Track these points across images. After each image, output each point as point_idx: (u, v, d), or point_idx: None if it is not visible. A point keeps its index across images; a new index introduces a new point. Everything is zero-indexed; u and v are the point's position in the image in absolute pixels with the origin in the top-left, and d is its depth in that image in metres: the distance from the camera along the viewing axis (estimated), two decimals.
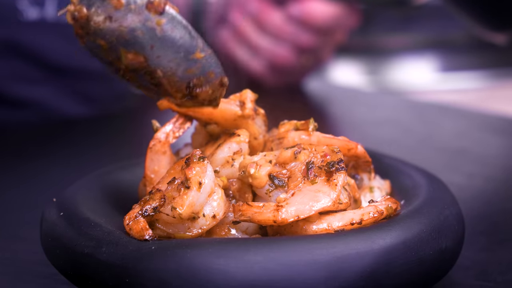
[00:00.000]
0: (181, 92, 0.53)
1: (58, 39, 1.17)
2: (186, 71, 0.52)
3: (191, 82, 0.53)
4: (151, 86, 0.53)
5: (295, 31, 1.27)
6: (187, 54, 0.52)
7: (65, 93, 1.21)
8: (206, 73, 0.53)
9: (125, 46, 0.51)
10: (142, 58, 0.51)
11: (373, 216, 0.51)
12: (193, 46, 0.52)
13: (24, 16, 1.13)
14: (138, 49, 0.51)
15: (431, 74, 1.96)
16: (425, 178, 0.59)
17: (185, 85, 0.53)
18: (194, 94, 0.53)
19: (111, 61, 0.52)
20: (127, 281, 0.47)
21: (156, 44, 0.51)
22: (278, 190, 0.52)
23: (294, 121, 0.58)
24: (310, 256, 0.47)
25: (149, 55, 0.51)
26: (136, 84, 0.53)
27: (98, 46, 0.51)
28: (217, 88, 0.54)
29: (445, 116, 1.17)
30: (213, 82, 0.53)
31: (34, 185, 0.85)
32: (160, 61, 0.51)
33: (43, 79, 1.18)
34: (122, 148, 1.00)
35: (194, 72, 0.52)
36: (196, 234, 0.51)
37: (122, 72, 0.52)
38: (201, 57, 0.52)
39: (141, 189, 0.58)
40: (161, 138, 0.58)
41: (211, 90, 0.53)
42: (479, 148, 0.98)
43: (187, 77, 0.52)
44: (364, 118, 1.20)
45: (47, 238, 0.53)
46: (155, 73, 0.52)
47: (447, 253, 0.52)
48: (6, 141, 1.07)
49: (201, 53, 0.52)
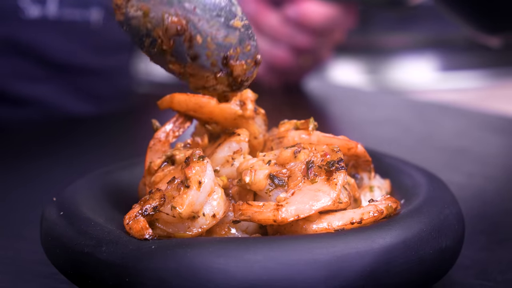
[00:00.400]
0: (216, 65, 0.51)
1: (60, 37, 1.17)
2: (225, 39, 0.51)
3: (227, 52, 0.51)
4: (184, 60, 0.51)
5: (292, 33, 1.27)
6: (227, 20, 0.51)
7: (67, 91, 1.21)
8: (243, 45, 0.52)
9: (168, 8, 0.50)
10: (184, 21, 0.50)
11: (373, 215, 0.51)
12: (233, 12, 0.51)
13: (25, 14, 1.13)
14: (180, 10, 0.50)
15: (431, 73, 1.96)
16: (425, 178, 0.59)
17: (222, 56, 0.51)
18: (229, 67, 0.52)
19: (148, 31, 0.51)
20: (127, 280, 0.47)
21: (199, 6, 0.50)
22: (278, 190, 0.52)
23: (294, 121, 0.58)
24: (310, 255, 0.47)
25: (191, 18, 0.50)
26: (168, 60, 0.52)
27: (139, 13, 0.50)
28: (251, 65, 0.53)
29: (445, 116, 1.17)
30: (249, 56, 0.52)
31: (37, 184, 0.85)
32: (201, 25, 0.50)
33: (45, 77, 1.18)
34: (124, 148, 1.00)
35: (231, 41, 0.51)
36: (196, 233, 0.51)
37: (160, 41, 0.51)
38: (240, 25, 0.51)
39: (141, 189, 0.58)
40: (161, 137, 0.58)
41: (245, 65, 0.52)
42: (479, 148, 0.98)
43: (224, 46, 0.51)
44: (364, 117, 1.20)
45: (47, 238, 0.53)
46: (195, 39, 0.50)
47: (447, 253, 0.52)
48: (10, 140, 1.07)
49: (240, 21, 0.51)
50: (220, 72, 0.52)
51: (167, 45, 0.51)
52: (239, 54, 0.52)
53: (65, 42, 1.17)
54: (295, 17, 1.26)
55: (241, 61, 0.52)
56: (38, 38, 1.15)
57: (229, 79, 0.53)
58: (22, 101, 1.18)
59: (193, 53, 0.51)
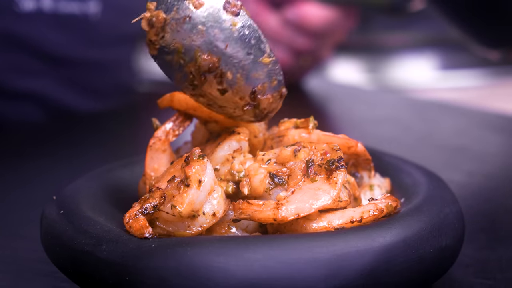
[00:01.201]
0: (245, 99, 0.53)
1: (56, 30, 1.16)
2: (253, 75, 0.53)
3: (255, 87, 0.53)
4: (214, 96, 0.53)
5: (291, 35, 1.27)
6: (256, 58, 0.53)
7: (65, 84, 1.20)
8: (271, 80, 0.54)
9: (201, 46, 0.52)
10: (216, 58, 0.52)
11: (373, 214, 0.51)
12: (261, 50, 0.53)
13: (20, 7, 1.13)
14: (213, 48, 0.52)
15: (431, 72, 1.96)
16: (425, 176, 0.59)
17: (249, 91, 0.53)
18: (257, 100, 0.54)
19: (181, 67, 0.52)
20: (127, 279, 0.47)
21: (231, 44, 0.52)
22: (278, 188, 0.52)
23: (294, 119, 0.58)
24: (310, 254, 0.47)
25: (223, 56, 0.52)
26: (199, 93, 0.54)
27: (173, 50, 0.52)
28: (277, 98, 0.54)
29: (445, 114, 1.17)
30: (275, 90, 0.54)
31: (37, 183, 0.85)
32: (232, 62, 0.52)
33: (42, 71, 1.18)
34: (124, 146, 1.00)
35: (260, 77, 0.53)
36: (196, 232, 0.51)
37: (192, 77, 0.53)
38: (268, 62, 0.53)
39: (141, 187, 0.58)
40: (161, 136, 0.58)
41: (272, 99, 0.54)
42: (479, 146, 0.98)
43: (252, 81, 0.53)
44: (364, 116, 1.20)
45: (47, 236, 0.53)
46: (225, 76, 0.52)
47: (447, 251, 0.52)
48: (10, 139, 1.07)
49: (268, 58, 0.53)
50: (247, 105, 0.54)
51: (199, 81, 0.53)
52: (266, 88, 0.54)
53: (62, 35, 1.17)
54: (294, 20, 1.26)
55: (268, 95, 0.54)
56: (33, 32, 1.14)
57: (256, 111, 0.55)
58: (20, 96, 1.17)
59: (222, 88, 0.53)
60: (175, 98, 0.58)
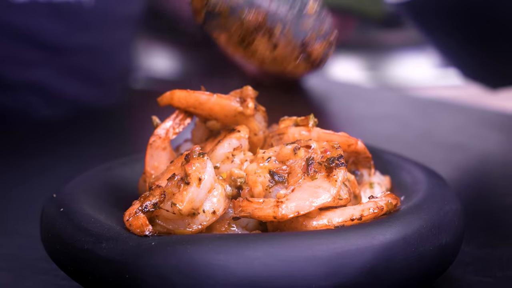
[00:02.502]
0: (296, 51, 0.54)
1: (51, 19, 1.16)
2: (301, 27, 0.53)
3: (304, 38, 0.54)
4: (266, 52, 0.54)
5: None
6: (301, 9, 0.53)
7: (65, 73, 1.20)
8: (318, 29, 0.54)
9: (245, 6, 0.52)
10: (262, 16, 0.52)
11: (373, 212, 0.51)
12: (304, 1, 0.54)
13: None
14: (257, 7, 0.52)
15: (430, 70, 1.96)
16: (425, 174, 0.59)
17: (299, 42, 0.54)
18: (308, 51, 0.54)
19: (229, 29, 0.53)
20: (127, 276, 0.47)
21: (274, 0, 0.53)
22: (278, 186, 0.52)
23: (294, 117, 0.58)
24: (310, 252, 0.47)
25: (268, 12, 0.53)
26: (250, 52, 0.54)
27: (218, 14, 0.53)
28: (326, 46, 0.55)
29: (444, 112, 1.17)
30: (324, 39, 0.54)
31: (37, 181, 0.85)
32: (278, 18, 0.53)
33: (41, 60, 1.17)
34: (124, 144, 1.00)
35: (306, 28, 0.54)
36: (196, 230, 0.51)
37: (241, 37, 0.53)
38: (313, 12, 0.54)
39: (141, 185, 0.58)
40: (161, 134, 0.58)
41: (321, 47, 0.55)
42: (477, 144, 0.98)
43: (301, 33, 0.54)
44: (364, 113, 1.20)
45: (47, 234, 0.53)
46: (273, 31, 0.53)
47: (447, 249, 0.52)
48: (10, 137, 1.07)
49: (313, 8, 0.54)
50: (299, 56, 0.54)
51: (248, 40, 0.53)
52: (315, 38, 0.54)
53: (57, 23, 1.16)
54: None
55: (317, 44, 0.54)
56: (29, 22, 1.14)
57: (308, 61, 0.55)
58: (21, 87, 1.17)
59: (272, 44, 0.53)
60: (175, 96, 0.58)
